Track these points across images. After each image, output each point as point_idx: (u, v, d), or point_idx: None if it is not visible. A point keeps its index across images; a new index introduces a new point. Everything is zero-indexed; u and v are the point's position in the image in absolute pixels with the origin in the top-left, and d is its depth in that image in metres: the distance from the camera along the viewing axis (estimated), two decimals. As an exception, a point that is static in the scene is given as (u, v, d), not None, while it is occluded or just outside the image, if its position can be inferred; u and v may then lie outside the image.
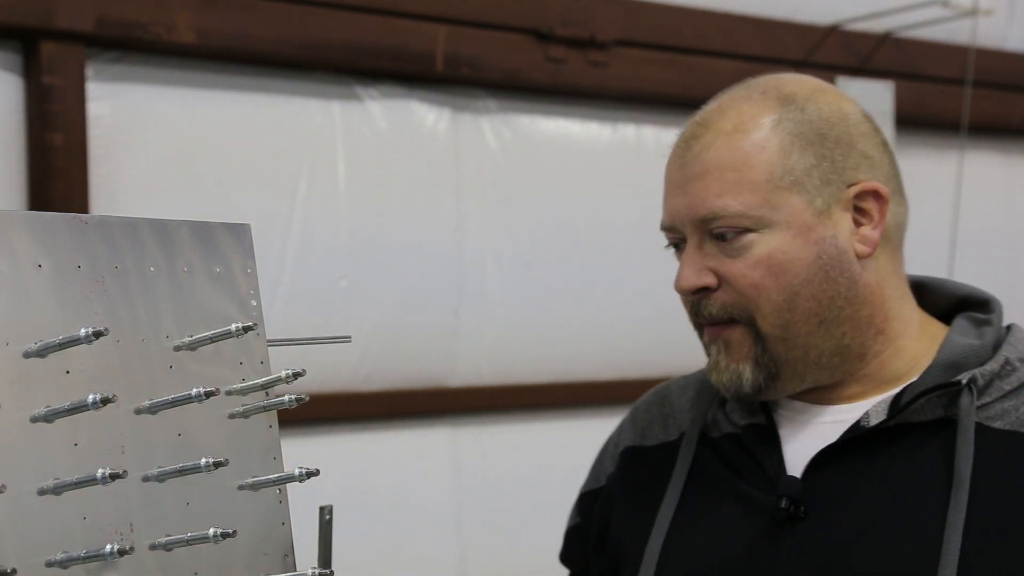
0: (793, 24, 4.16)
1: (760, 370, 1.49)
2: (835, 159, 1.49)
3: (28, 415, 1.13)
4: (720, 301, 1.49)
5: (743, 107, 1.52)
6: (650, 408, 1.72)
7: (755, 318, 1.47)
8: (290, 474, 1.29)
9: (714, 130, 1.50)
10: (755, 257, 1.46)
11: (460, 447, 3.66)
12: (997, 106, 4.61)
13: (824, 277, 1.47)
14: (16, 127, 3.03)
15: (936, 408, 1.45)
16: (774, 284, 1.46)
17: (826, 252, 1.47)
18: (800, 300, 1.46)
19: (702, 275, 1.49)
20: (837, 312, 1.48)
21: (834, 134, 1.50)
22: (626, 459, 1.68)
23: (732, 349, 1.50)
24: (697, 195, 1.49)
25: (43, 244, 1.17)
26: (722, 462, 1.56)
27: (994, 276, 4.72)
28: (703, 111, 1.56)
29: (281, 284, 3.32)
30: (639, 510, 1.61)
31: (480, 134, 3.68)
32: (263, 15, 3.26)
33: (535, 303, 3.75)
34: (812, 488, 1.47)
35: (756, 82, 1.58)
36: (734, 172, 1.47)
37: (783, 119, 1.50)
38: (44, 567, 1.12)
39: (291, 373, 1.27)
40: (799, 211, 1.46)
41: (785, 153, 1.47)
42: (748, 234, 1.46)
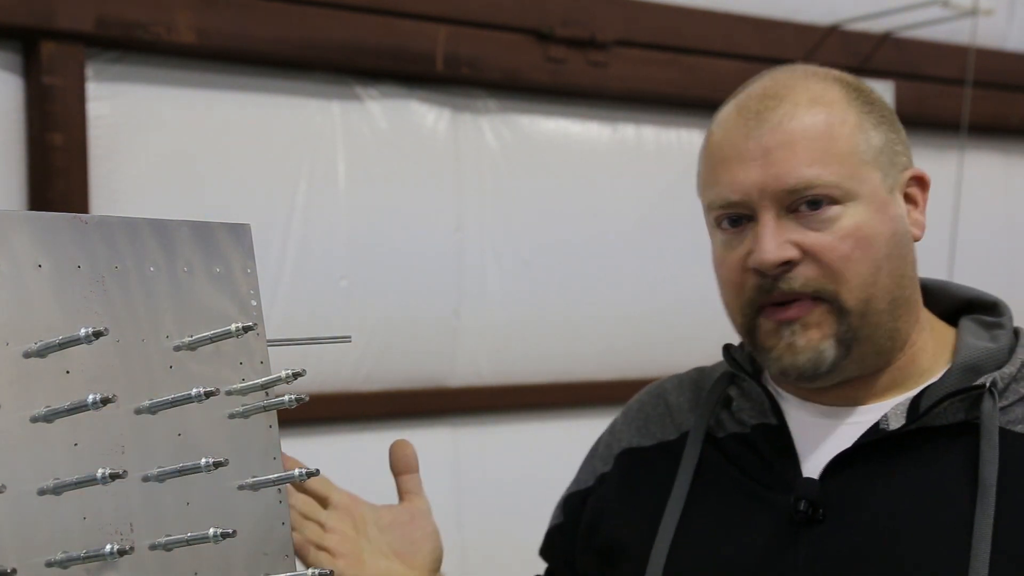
0: (793, 24, 4.16)
1: (840, 346, 1.44)
2: (894, 141, 1.50)
3: (28, 415, 1.13)
4: (804, 276, 1.43)
5: (808, 83, 1.49)
6: (644, 407, 1.69)
7: (839, 292, 1.43)
8: (290, 474, 1.29)
9: (790, 102, 1.47)
10: (844, 229, 1.43)
11: (460, 447, 3.66)
12: (997, 106, 4.61)
13: (899, 255, 1.46)
14: (16, 127, 3.03)
15: (957, 412, 1.43)
16: (862, 256, 1.43)
17: (898, 230, 1.46)
18: (882, 275, 1.44)
19: (785, 248, 1.43)
20: (902, 292, 1.47)
21: (889, 117, 1.52)
22: (623, 460, 1.66)
23: (811, 328, 1.44)
24: (785, 163, 1.43)
25: (43, 244, 1.17)
26: (730, 463, 1.54)
27: (994, 276, 4.72)
28: (759, 87, 1.51)
29: (281, 284, 3.32)
30: (641, 510, 1.59)
31: (480, 134, 3.68)
32: (263, 15, 3.26)
33: (535, 303, 3.75)
34: (830, 491, 1.45)
35: (793, 68, 1.55)
36: (822, 142, 1.44)
37: (850, 97, 1.49)
38: (44, 567, 1.12)
39: (291, 373, 1.27)
40: (878, 187, 1.45)
41: (863, 129, 1.47)
42: (834, 206, 1.43)
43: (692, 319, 3.83)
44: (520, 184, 3.74)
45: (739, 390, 1.58)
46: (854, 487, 1.44)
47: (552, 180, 3.80)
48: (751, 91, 1.52)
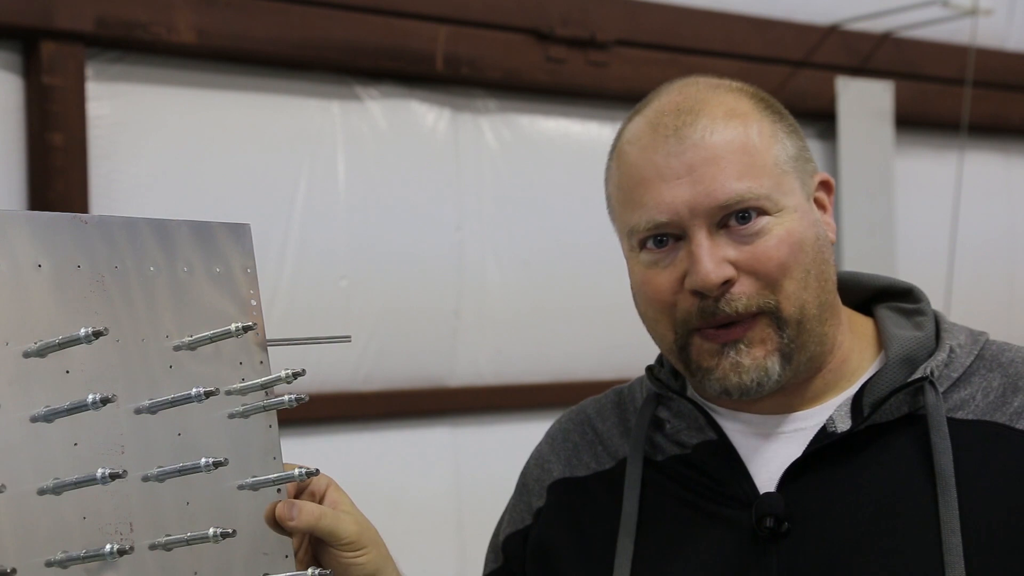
0: (793, 24, 4.16)
1: (783, 360, 1.43)
2: (803, 149, 1.48)
3: (28, 415, 1.13)
4: (746, 294, 1.41)
5: (718, 95, 1.47)
6: (570, 435, 1.65)
7: (779, 303, 1.42)
8: (290, 474, 1.29)
9: (707, 115, 1.43)
10: (776, 237, 1.41)
11: (460, 447, 3.66)
12: (997, 106, 4.61)
13: (822, 259, 1.45)
14: (16, 127, 3.03)
15: (901, 406, 1.43)
16: (795, 262, 1.42)
17: (819, 235, 1.45)
18: (811, 280, 1.43)
19: (723, 267, 1.41)
20: (827, 296, 1.46)
21: (795, 125, 1.49)
22: (557, 492, 1.60)
23: (755, 346, 1.42)
24: (713, 180, 1.40)
25: (43, 244, 1.17)
26: (677, 485, 1.50)
27: (994, 276, 4.73)
28: (669, 103, 1.47)
29: (281, 284, 3.32)
30: (590, 548, 1.54)
31: (480, 134, 3.68)
32: (263, 15, 3.26)
33: (535, 303, 3.76)
34: (790, 501, 1.42)
35: (688, 82, 1.53)
36: (747, 155, 1.42)
37: (759, 107, 1.47)
38: (44, 567, 1.12)
39: (291, 373, 1.27)
40: (798, 195, 1.44)
41: (778, 138, 1.45)
42: (764, 216, 1.41)
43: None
44: (520, 184, 3.74)
45: (669, 410, 1.53)
46: (813, 495, 1.42)
47: (552, 180, 3.80)
48: (661, 107, 1.48)
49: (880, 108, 4.23)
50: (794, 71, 4.07)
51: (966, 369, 1.45)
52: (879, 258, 4.20)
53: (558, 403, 3.81)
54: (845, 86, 4.17)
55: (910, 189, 4.43)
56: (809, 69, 4.12)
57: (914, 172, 4.48)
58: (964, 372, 1.45)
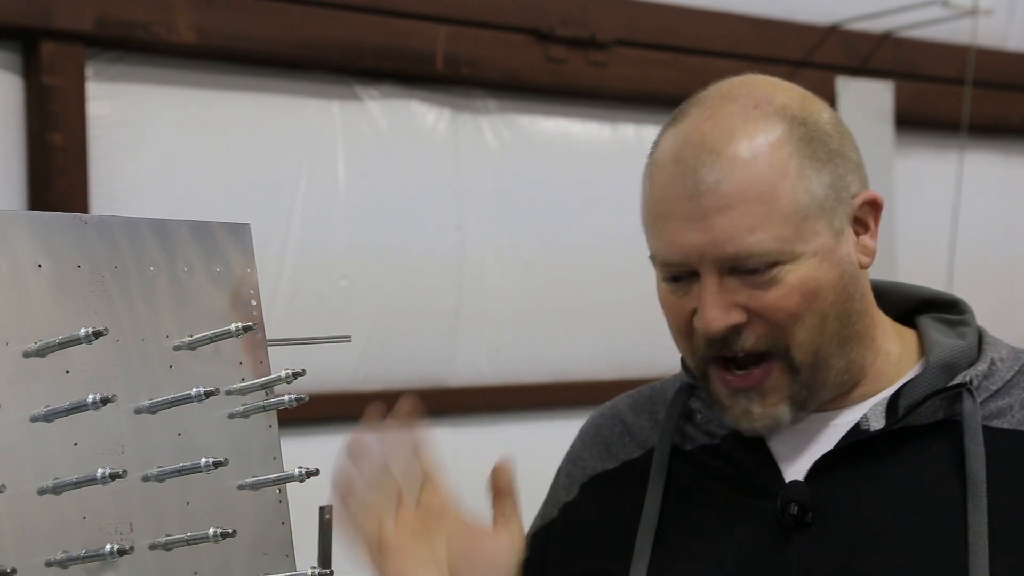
0: (793, 24, 4.16)
1: (795, 406, 1.43)
2: (841, 174, 1.43)
3: (28, 415, 1.13)
4: (755, 335, 1.41)
5: (746, 127, 1.41)
6: (601, 430, 1.65)
7: (790, 347, 1.41)
8: (290, 474, 1.29)
9: (726, 157, 1.39)
10: (788, 286, 1.39)
11: (460, 447, 3.66)
12: (997, 106, 4.61)
13: (846, 296, 1.43)
14: (16, 127, 3.03)
15: (937, 411, 1.43)
16: (808, 311, 1.40)
17: (846, 271, 1.43)
18: (829, 322, 1.42)
19: (731, 313, 1.40)
20: (851, 328, 1.44)
21: (834, 147, 1.44)
22: (588, 487, 1.62)
23: (767, 394, 1.43)
24: (723, 231, 1.38)
25: (43, 244, 1.17)
26: (703, 474, 1.51)
27: (994, 276, 4.73)
28: (696, 129, 1.43)
29: (281, 284, 3.32)
30: (613, 532, 1.55)
31: (480, 134, 3.68)
32: (263, 15, 3.26)
33: (535, 303, 3.75)
34: (817, 493, 1.43)
35: (739, 92, 1.48)
36: (762, 205, 1.38)
37: (792, 138, 1.41)
38: (44, 567, 1.12)
39: (291, 373, 1.27)
40: (823, 236, 1.41)
41: (805, 178, 1.40)
42: (778, 265, 1.39)
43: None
44: (520, 184, 3.74)
45: (700, 401, 1.54)
46: (841, 489, 1.43)
47: (552, 180, 3.80)
48: (688, 134, 1.44)
49: (880, 108, 4.23)
50: (794, 71, 4.07)
51: (1006, 383, 1.45)
52: (879, 258, 4.19)
53: (558, 403, 3.82)
54: (845, 86, 4.17)
55: (910, 189, 4.43)
56: (809, 69, 4.12)
57: (914, 172, 4.48)
58: (1004, 385, 1.45)
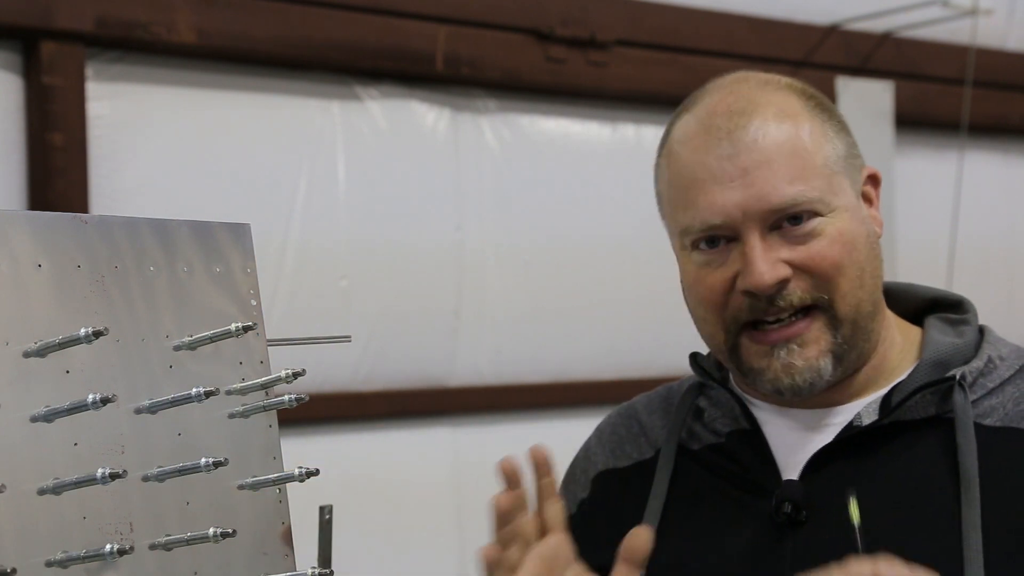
0: (793, 24, 4.16)
1: (836, 360, 1.45)
2: (851, 145, 1.50)
3: (28, 415, 1.13)
4: (800, 288, 1.43)
5: (768, 95, 1.47)
6: (617, 428, 1.67)
7: (834, 300, 1.44)
8: (290, 474, 1.29)
9: (759, 116, 1.45)
10: (829, 237, 1.43)
11: (460, 447, 3.67)
12: (997, 106, 4.61)
13: (874, 256, 1.48)
14: (16, 127, 3.03)
15: (928, 406, 1.45)
16: (850, 261, 1.44)
17: (871, 232, 1.48)
18: (866, 278, 1.46)
19: (778, 267, 1.43)
20: (878, 293, 1.49)
21: (843, 120, 1.51)
22: (600, 483, 1.64)
23: (809, 345, 1.45)
24: (766, 183, 1.42)
25: (43, 244, 1.18)
26: (708, 473, 1.53)
27: (994, 276, 4.73)
28: (720, 102, 1.48)
29: (281, 284, 3.32)
30: (618, 533, 1.52)
31: (480, 134, 3.68)
32: (263, 15, 3.26)
33: (535, 303, 3.76)
34: (811, 491, 1.45)
35: (739, 78, 1.53)
36: (799, 158, 1.43)
37: (808, 106, 1.48)
38: (44, 567, 1.12)
39: (291, 373, 1.27)
40: (849, 194, 1.46)
41: (828, 138, 1.47)
42: (817, 217, 1.43)
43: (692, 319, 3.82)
44: (520, 184, 3.74)
45: (708, 400, 1.57)
46: (834, 486, 1.44)
47: (552, 180, 3.80)
48: (713, 107, 1.49)
49: (880, 108, 4.23)
50: (794, 71, 4.07)
51: (1004, 381, 1.46)
52: (879, 258, 4.19)
53: (558, 403, 3.83)
54: (845, 86, 4.17)
55: (910, 189, 4.43)
56: (809, 69, 4.12)
57: (914, 172, 4.48)
58: (1001, 383, 1.46)
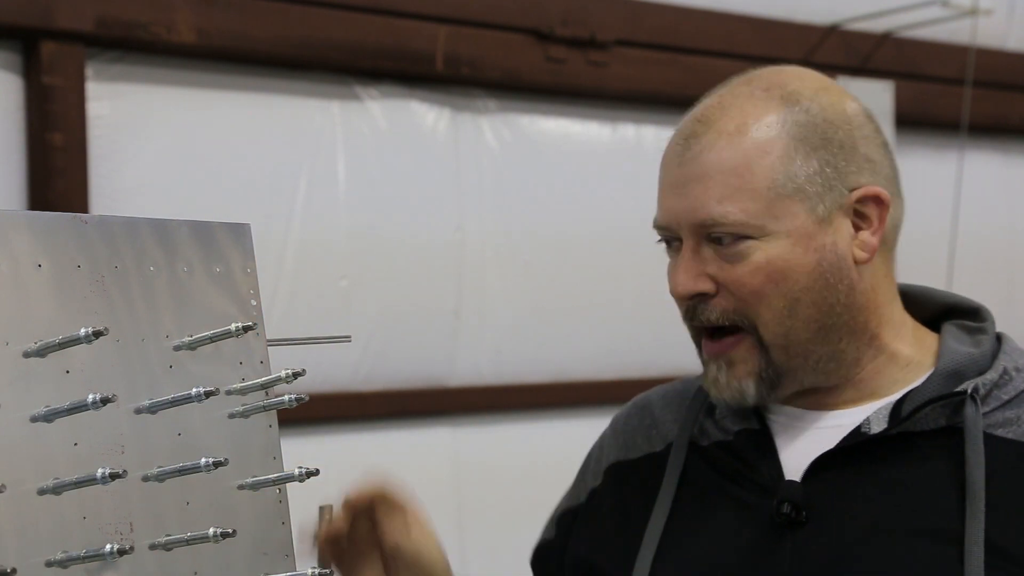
0: (793, 24, 4.16)
1: (763, 383, 1.46)
2: (838, 164, 1.46)
3: (28, 415, 1.13)
4: (720, 307, 1.45)
5: (745, 105, 1.47)
6: (630, 419, 1.68)
7: (756, 325, 1.44)
8: (290, 474, 1.29)
9: (715, 130, 1.45)
10: (754, 263, 1.43)
11: (460, 447, 3.66)
12: (997, 106, 4.61)
13: (824, 284, 1.44)
14: (16, 127, 3.03)
15: (939, 417, 1.43)
16: (774, 291, 1.42)
17: (826, 259, 1.44)
18: (801, 307, 1.43)
19: (699, 281, 1.45)
20: (836, 319, 1.45)
21: (838, 137, 1.47)
22: (611, 474, 1.65)
23: (736, 366, 1.46)
24: (696, 198, 1.44)
25: (43, 244, 1.17)
26: (714, 470, 1.53)
27: (994, 276, 4.73)
28: (703, 105, 1.51)
29: (281, 284, 3.32)
30: (628, 524, 1.58)
31: (480, 134, 3.68)
32: (263, 15, 3.26)
33: (535, 303, 3.76)
34: (812, 493, 1.44)
35: (759, 76, 1.52)
36: (736, 177, 1.43)
37: (787, 120, 1.45)
38: (44, 567, 1.12)
39: (291, 373, 1.27)
40: (800, 219, 1.43)
41: (789, 159, 1.43)
42: (747, 240, 1.42)
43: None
44: (520, 184, 3.74)
45: None
46: (836, 489, 1.44)
47: (552, 180, 3.80)
48: (696, 109, 1.52)
49: (880, 108, 4.22)
50: (794, 71, 4.07)
51: (1020, 392, 1.44)
52: (879, 258, 4.19)
53: (558, 403, 3.82)
54: (845, 86, 4.16)
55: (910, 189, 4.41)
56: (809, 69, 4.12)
57: (914, 172, 4.47)
58: (1017, 395, 1.44)
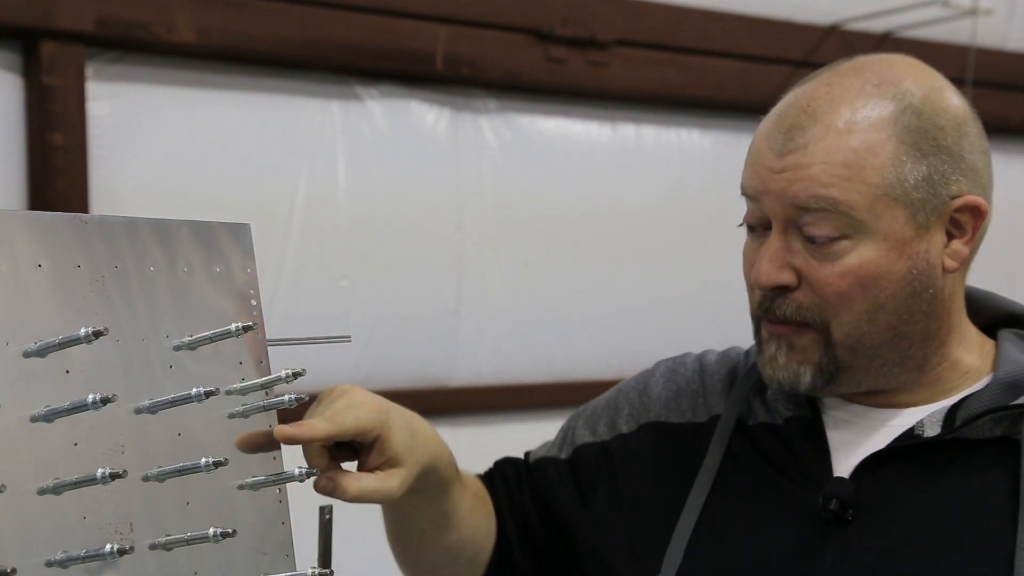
0: (793, 24, 4.16)
1: (820, 375, 1.43)
2: (944, 171, 1.42)
3: (28, 415, 1.13)
4: (797, 302, 1.41)
5: (856, 101, 1.41)
6: (679, 378, 1.65)
7: (830, 325, 1.40)
8: (290, 474, 1.29)
9: (823, 124, 1.40)
10: (845, 265, 1.38)
11: (460, 447, 3.66)
12: (997, 106, 4.61)
13: (911, 292, 1.41)
14: (16, 127, 3.03)
15: (995, 427, 1.41)
16: (860, 295, 1.39)
17: (917, 267, 1.41)
18: (883, 314, 1.40)
19: (783, 272, 1.40)
20: (913, 326, 1.42)
21: (947, 144, 1.43)
22: (648, 432, 1.62)
23: (796, 350, 1.43)
24: (802, 179, 1.38)
25: (43, 244, 1.17)
26: (759, 454, 1.51)
27: (993, 276, 4.73)
28: (809, 92, 1.44)
29: (281, 284, 3.32)
30: (663, 495, 1.55)
31: (480, 134, 3.68)
32: (263, 15, 3.26)
33: (535, 303, 3.75)
34: (860, 492, 1.42)
35: (869, 66, 1.47)
36: (845, 168, 1.37)
37: (899, 122, 1.41)
38: (44, 567, 1.12)
39: (291, 373, 1.27)
40: (900, 225, 1.39)
41: (899, 162, 1.39)
42: (842, 240, 1.38)
43: (692, 319, 3.82)
44: (520, 184, 3.74)
45: None
46: (885, 490, 1.42)
47: (552, 180, 3.80)
48: (802, 94, 1.45)
49: (880, 108, 4.22)
50: (794, 71, 4.07)
51: None
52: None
53: (558, 403, 3.82)
54: (845, 86, 4.16)
55: (910, 189, 4.42)
56: (809, 69, 4.10)
57: (914, 172, 4.48)
58: None
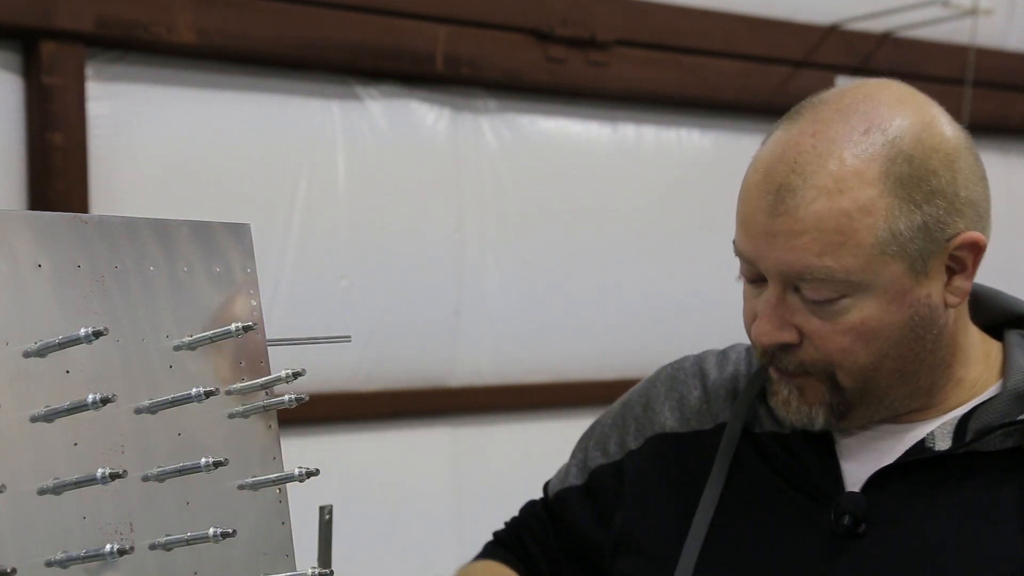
0: (793, 24, 4.16)
1: (833, 414, 1.42)
2: (940, 216, 1.39)
3: (28, 415, 1.13)
4: (799, 359, 1.40)
5: (845, 153, 1.36)
6: (678, 386, 1.64)
7: (836, 374, 1.40)
8: (290, 474, 1.29)
9: (812, 185, 1.35)
10: (847, 323, 1.37)
11: (460, 447, 3.67)
12: (997, 106, 4.61)
13: (914, 337, 1.39)
14: (16, 127, 3.03)
15: (1006, 440, 1.40)
16: (864, 349, 1.38)
17: (919, 313, 1.39)
18: (887, 361, 1.39)
19: (784, 331, 1.39)
20: (920, 363, 1.42)
21: (941, 186, 1.39)
22: (655, 445, 1.61)
23: (807, 393, 1.43)
24: (793, 250, 1.36)
25: (43, 244, 1.17)
26: (767, 464, 1.50)
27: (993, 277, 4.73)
28: (795, 144, 1.39)
29: (281, 284, 3.32)
30: (672, 505, 1.54)
31: (480, 134, 3.68)
32: (263, 15, 3.26)
33: (535, 303, 3.76)
34: (871, 505, 1.41)
35: (852, 107, 1.42)
36: (837, 234, 1.34)
37: (890, 175, 1.35)
38: (44, 567, 1.12)
39: (291, 373, 1.27)
40: (899, 276, 1.36)
41: (893, 217, 1.35)
42: (842, 300, 1.36)
43: (692, 319, 3.83)
44: (520, 184, 3.74)
45: None
46: (897, 504, 1.41)
47: (552, 180, 3.80)
48: (788, 146, 1.39)
49: (880, 108, 4.22)
50: (794, 71, 4.07)
51: None
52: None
53: (558, 403, 3.82)
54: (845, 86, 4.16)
55: (910, 189, 4.42)
56: (809, 69, 4.12)
57: (914, 172, 4.48)
58: None
